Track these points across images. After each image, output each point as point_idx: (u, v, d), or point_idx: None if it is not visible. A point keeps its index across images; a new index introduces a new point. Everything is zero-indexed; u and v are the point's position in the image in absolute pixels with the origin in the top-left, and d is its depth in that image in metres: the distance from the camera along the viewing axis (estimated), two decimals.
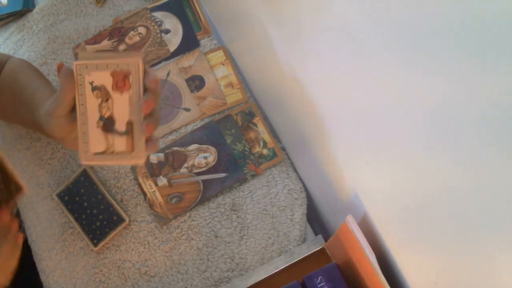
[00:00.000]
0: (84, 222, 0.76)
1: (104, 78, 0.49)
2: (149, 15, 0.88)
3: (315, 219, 0.83)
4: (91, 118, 0.50)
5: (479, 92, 0.27)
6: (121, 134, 0.51)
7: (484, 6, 0.24)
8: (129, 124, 0.50)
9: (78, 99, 0.50)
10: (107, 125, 0.51)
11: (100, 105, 0.50)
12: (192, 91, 0.82)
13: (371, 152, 0.47)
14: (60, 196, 0.77)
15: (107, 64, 0.48)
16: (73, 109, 0.52)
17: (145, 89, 0.50)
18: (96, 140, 0.51)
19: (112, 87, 0.49)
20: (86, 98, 0.50)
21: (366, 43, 0.38)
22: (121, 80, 0.49)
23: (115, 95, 0.49)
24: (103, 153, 0.51)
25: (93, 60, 0.48)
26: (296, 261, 0.69)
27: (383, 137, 0.43)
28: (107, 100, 0.50)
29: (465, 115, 0.29)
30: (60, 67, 0.50)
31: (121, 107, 0.50)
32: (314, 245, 0.69)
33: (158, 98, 0.51)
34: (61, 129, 0.53)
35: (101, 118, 0.51)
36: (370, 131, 0.45)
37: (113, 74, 0.48)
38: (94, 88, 0.50)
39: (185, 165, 0.78)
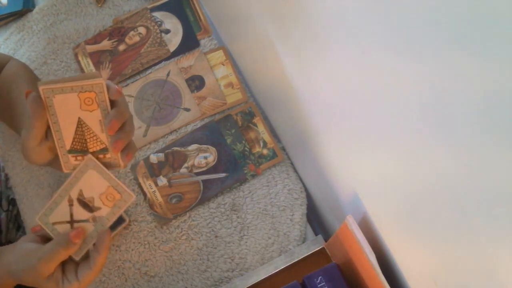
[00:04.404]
0: None
1: (71, 100, 0.51)
2: (149, 15, 0.88)
3: (315, 219, 0.83)
4: (66, 134, 0.53)
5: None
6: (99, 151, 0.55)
7: None
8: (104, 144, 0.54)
9: (50, 119, 0.52)
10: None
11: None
12: (192, 91, 0.82)
13: (371, 151, 0.47)
14: None
15: (72, 86, 0.51)
16: (46, 137, 0.54)
17: (112, 103, 0.52)
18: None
19: (81, 107, 0.52)
20: (58, 117, 0.52)
21: (368, 40, 0.38)
22: (88, 100, 0.52)
23: (84, 114, 0.52)
24: (81, 155, 0.54)
25: (58, 84, 0.51)
26: (296, 261, 0.69)
27: (383, 136, 0.43)
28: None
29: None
30: (27, 94, 0.52)
31: (93, 126, 0.53)
32: (314, 245, 0.69)
33: (126, 110, 0.53)
34: (41, 157, 0.54)
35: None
36: (370, 130, 0.45)
37: (80, 96, 0.51)
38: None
39: (185, 165, 0.78)
